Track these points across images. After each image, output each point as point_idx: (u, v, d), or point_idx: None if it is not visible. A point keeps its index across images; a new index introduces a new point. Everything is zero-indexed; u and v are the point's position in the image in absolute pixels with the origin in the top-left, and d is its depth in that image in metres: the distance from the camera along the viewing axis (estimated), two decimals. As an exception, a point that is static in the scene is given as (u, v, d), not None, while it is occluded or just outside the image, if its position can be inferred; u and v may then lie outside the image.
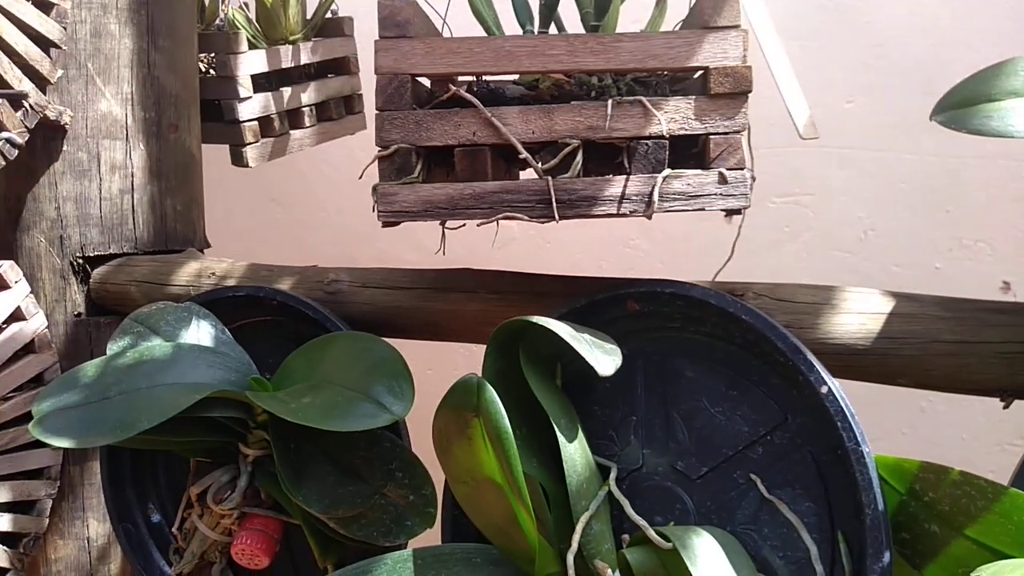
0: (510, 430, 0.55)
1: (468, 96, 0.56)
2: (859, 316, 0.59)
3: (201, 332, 0.74)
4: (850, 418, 0.50)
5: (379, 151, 0.57)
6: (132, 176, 0.92)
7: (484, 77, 0.64)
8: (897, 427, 1.42)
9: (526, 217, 0.56)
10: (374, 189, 0.57)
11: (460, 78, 0.67)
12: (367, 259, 1.26)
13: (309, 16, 1.18)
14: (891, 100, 1.35)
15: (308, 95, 1.16)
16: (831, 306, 0.59)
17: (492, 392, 0.55)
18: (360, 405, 0.62)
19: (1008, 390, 0.56)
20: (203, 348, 0.73)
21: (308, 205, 1.54)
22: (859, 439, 0.49)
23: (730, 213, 0.57)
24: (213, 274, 0.84)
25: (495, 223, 0.59)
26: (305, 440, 0.70)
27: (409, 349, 0.76)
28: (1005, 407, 0.57)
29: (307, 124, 1.16)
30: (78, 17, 0.87)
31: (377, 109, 0.57)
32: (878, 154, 1.40)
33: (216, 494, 0.74)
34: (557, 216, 0.56)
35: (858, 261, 1.42)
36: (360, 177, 0.59)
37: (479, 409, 0.56)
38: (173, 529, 0.76)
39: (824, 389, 0.51)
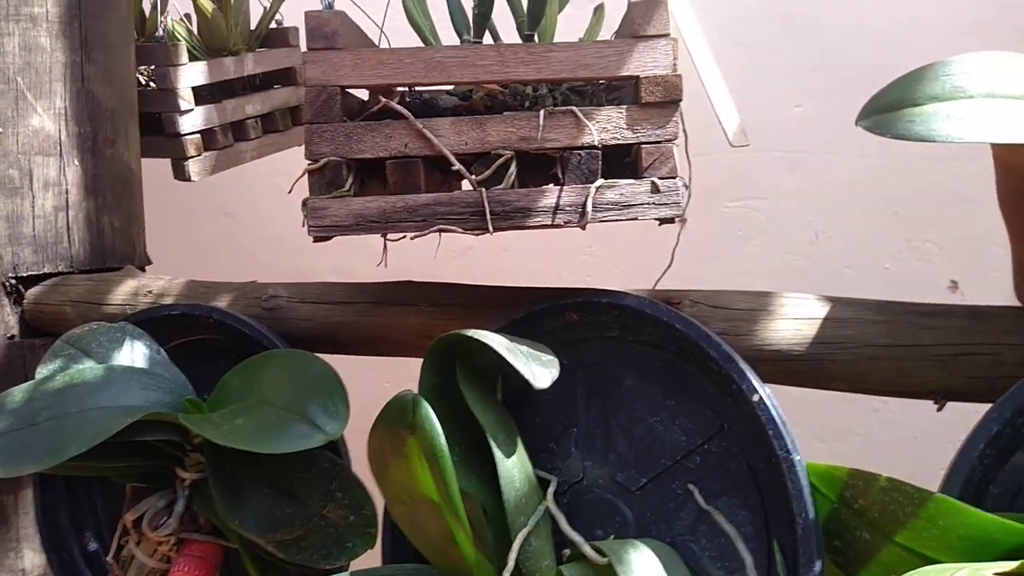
0: (446, 448, 0.54)
1: (398, 107, 0.56)
2: (794, 322, 0.59)
3: (135, 353, 0.72)
4: (781, 426, 0.50)
5: (309, 164, 0.56)
6: (67, 193, 0.89)
7: (418, 88, 0.63)
8: (851, 428, 1.44)
9: (460, 229, 0.55)
10: (304, 203, 0.56)
11: (398, 89, 0.67)
12: (322, 272, 1.25)
13: (254, 27, 1.16)
14: (838, 104, 1.37)
15: (253, 106, 1.14)
16: (767, 312, 0.59)
17: (428, 409, 0.55)
18: (293, 426, 0.60)
19: (941, 392, 0.56)
20: (136, 370, 0.71)
21: (262, 218, 1.52)
22: (790, 447, 0.49)
23: (663, 222, 0.57)
24: (150, 292, 0.82)
25: (438, 234, 0.58)
26: (242, 462, 0.68)
27: (369, 361, 0.75)
28: (938, 409, 0.58)
29: (252, 136, 1.14)
30: (6, 30, 0.85)
31: (306, 122, 0.56)
32: (827, 157, 1.42)
33: (152, 520, 0.72)
34: (491, 228, 0.55)
35: (809, 264, 1.43)
36: (290, 191, 0.58)
37: (415, 427, 0.55)
38: (109, 558, 0.74)
39: (756, 398, 0.51)
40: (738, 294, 0.62)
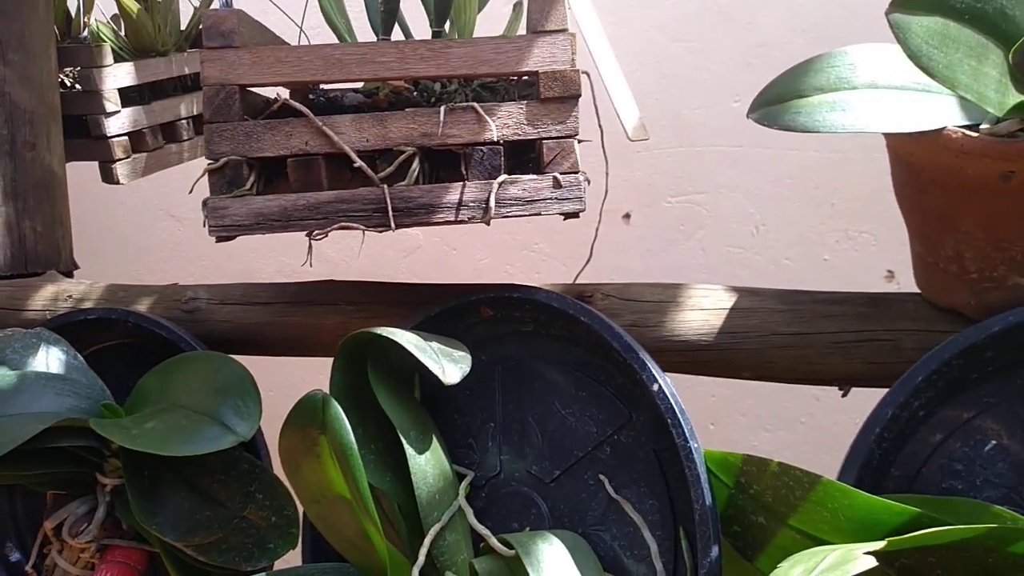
0: (355, 446, 0.54)
1: (297, 105, 0.55)
2: (702, 313, 0.60)
3: (51, 359, 0.71)
4: (679, 415, 0.50)
5: (209, 164, 0.55)
6: (-16, 198, 0.87)
7: (323, 86, 0.63)
8: (795, 417, 1.46)
9: (362, 227, 0.55)
10: (204, 203, 0.56)
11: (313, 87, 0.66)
12: (270, 271, 1.23)
13: (184, 26, 1.15)
14: (775, 98, 1.39)
15: (184, 107, 1.12)
16: (676, 304, 0.60)
17: (337, 408, 0.54)
18: (204, 428, 0.60)
19: (843, 379, 0.57)
20: (51, 376, 0.70)
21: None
22: (687, 435, 0.50)
23: (568, 216, 0.57)
24: (70, 297, 0.81)
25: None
26: (161, 466, 0.67)
27: (296, 362, 0.74)
28: (843, 395, 0.59)
29: (185, 137, 1.12)
30: (-87, 32, 0.82)
31: (205, 121, 0.56)
32: (765, 151, 1.44)
33: (72, 527, 0.71)
34: (393, 225, 0.55)
35: (750, 256, 1.45)
36: (191, 192, 0.57)
37: (325, 426, 0.54)
38: (28, 567, 0.73)
39: (655, 387, 0.51)
40: (648, 286, 0.62)
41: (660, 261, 1.46)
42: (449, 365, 0.55)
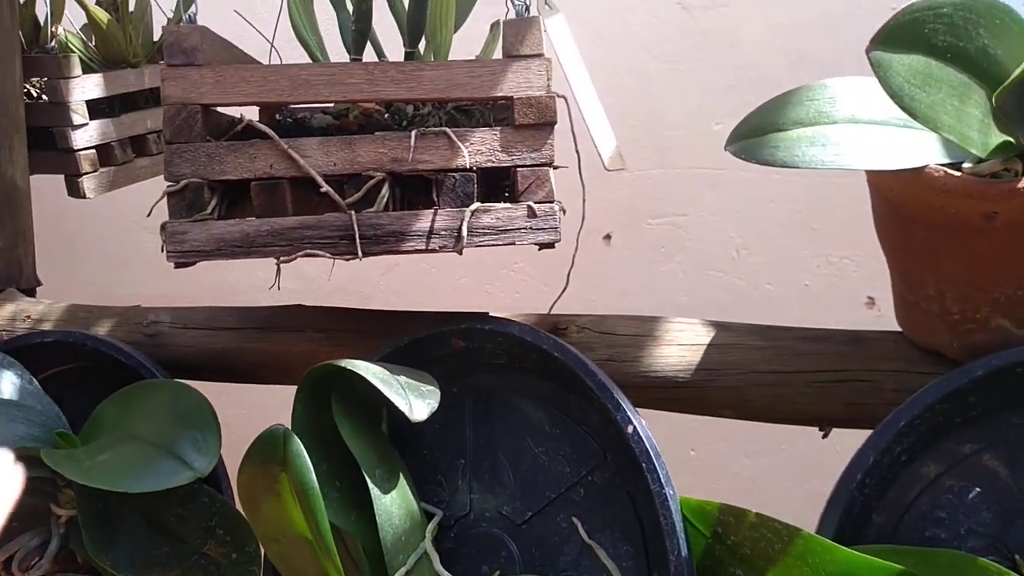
0: (316, 484, 0.51)
1: (261, 127, 0.53)
2: (679, 348, 0.58)
3: (4, 383, 0.68)
4: (654, 458, 0.48)
5: (168, 186, 0.53)
6: (-60, 212, 0.84)
7: (292, 106, 0.61)
8: (776, 443, 1.44)
9: (327, 254, 0.53)
10: (163, 227, 0.53)
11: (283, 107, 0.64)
12: (245, 287, 1.20)
13: (157, 37, 1.12)
14: (757, 122, 1.38)
15: (154, 120, 1.09)
16: (652, 338, 0.58)
17: (299, 444, 0.52)
18: (160, 462, 0.57)
19: (823, 419, 0.55)
20: (3, 401, 0.67)
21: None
22: (663, 480, 0.48)
23: (543, 247, 0.55)
24: (28, 317, 0.78)
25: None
26: (116, 499, 0.64)
27: (259, 390, 0.71)
28: (824, 436, 0.57)
29: (154, 151, 1.09)
30: None
31: (165, 141, 0.53)
32: (747, 175, 1.43)
33: (23, 561, 0.67)
34: (360, 253, 0.53)
35: (732, 280, 1.44)
36: (148, 215, 0.55)
37: (286, 463, 0.52)
38: (-27, 602, 0.69)
39: (630, 429, 0.49)
40: (624, 319, 0.60)
41: (640, 282, 1.44)
42: (416, 401, 0.52)
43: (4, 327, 0.78)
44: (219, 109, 0.57)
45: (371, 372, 0.53)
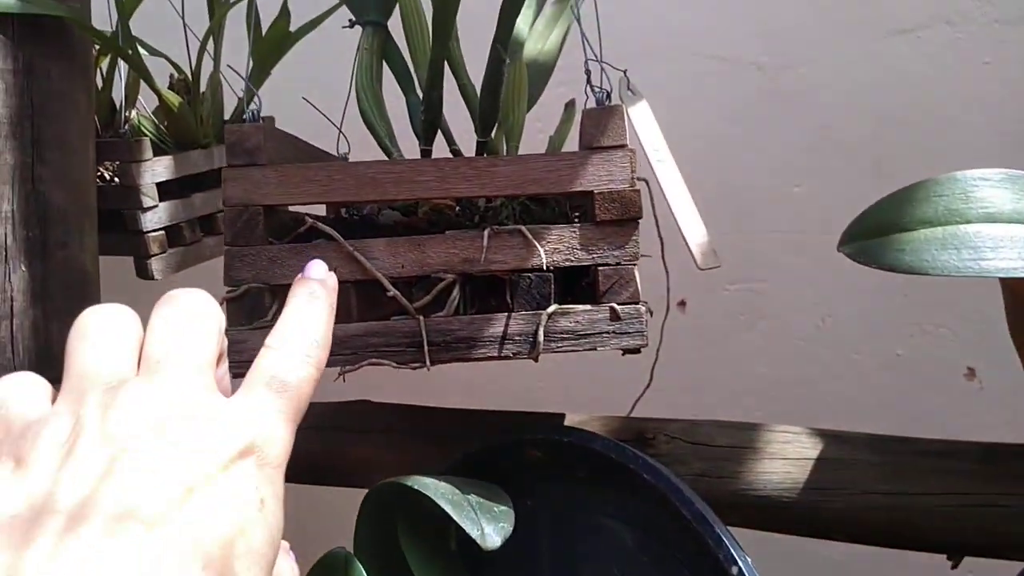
0: (379, 617, 0.47)
1: (326, 228, 0.50)
2: (783, 463, 0.52)
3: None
4: (764, 608, 0.42)
5: (227, 292, 0.50)
6: (12, 300, 0.84)
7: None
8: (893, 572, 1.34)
9: (394, 363, 0.49)
10: (222, 335, 0.50)
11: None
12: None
13: (228, 116, 1.13)
14: (839, 182, 1.32)
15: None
16: (753, 451, 0.52)
17: (360, 570, 0.48)
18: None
19: (954, 548, 0.48)
20: None
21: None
22: (775, 635, 0.41)
23: (627, 352, 0.50)
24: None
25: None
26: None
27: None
28: (953, 567, 0.50)
29: (222, 229, 1.09)
30: (-51, 133, 0.81)
31: (226, 243, 0.51)
32: (830, 238, 1.35)
33: None
34: (428, 362, 0.48)
35: (817, 349, 1.36)
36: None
37: (347, 590, 0.48)
38: None
39: (734, 570, 0.43)
40: (719, 427, 0.54)
41: (718, 352, 1.37)
42: (489, 526, 0.48)
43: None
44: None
45: (440, 493, 0.48)
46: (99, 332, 0.31)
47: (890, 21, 1.29)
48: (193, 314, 0.32)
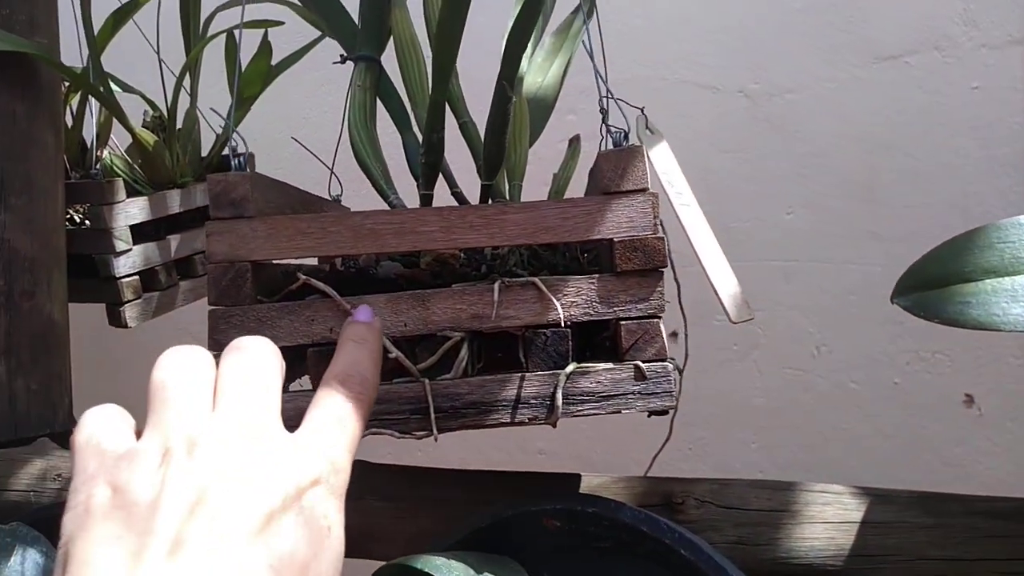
0: None
1: (320, 285, 0.45)
2: (824, 527, 0.48)
3: (27, 564, 0.60)
4: None
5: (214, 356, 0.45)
6: (-28, 357, 0.78)
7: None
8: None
9: (397, 433, 0.44)
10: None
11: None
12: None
13: (206, 153, 1.08)
14: (830, 209, 1.30)
15: (202, 241, 1.04)
16: (790, 514, 0.48)
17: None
18: None
19: (1017, 620, 0.44)
20: (27, 588, 0.58)
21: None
22: None
23: (654, 414, 0.46)
24: (59, 476, 0.70)
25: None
26: None
27: None
28: (1015, 639, 0.46)
29: (200, 272, 1.04)
30: (-95, 180, 0.75)
31: (210, 303, 0.46)
32: (823, 265, 1.34)
33: None
34: (436, 431, 0.44)
35: (813, 379, 1.33)
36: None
37: None
38: None
39: (789, 661, 0.39)
40: (752, 488, 0.50)
41: (713, 383, 1.34)
42: (508, 610, 0.43)
43: (32, 486, 0.71)
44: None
45: (453, 574, 0.44)
46: (178, 371, 0.33)
47: (878, 47, 1.28)
48: (260, 357, 0.35)
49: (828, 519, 0.48)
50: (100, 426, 0.32)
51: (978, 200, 1.25)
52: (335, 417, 0.35)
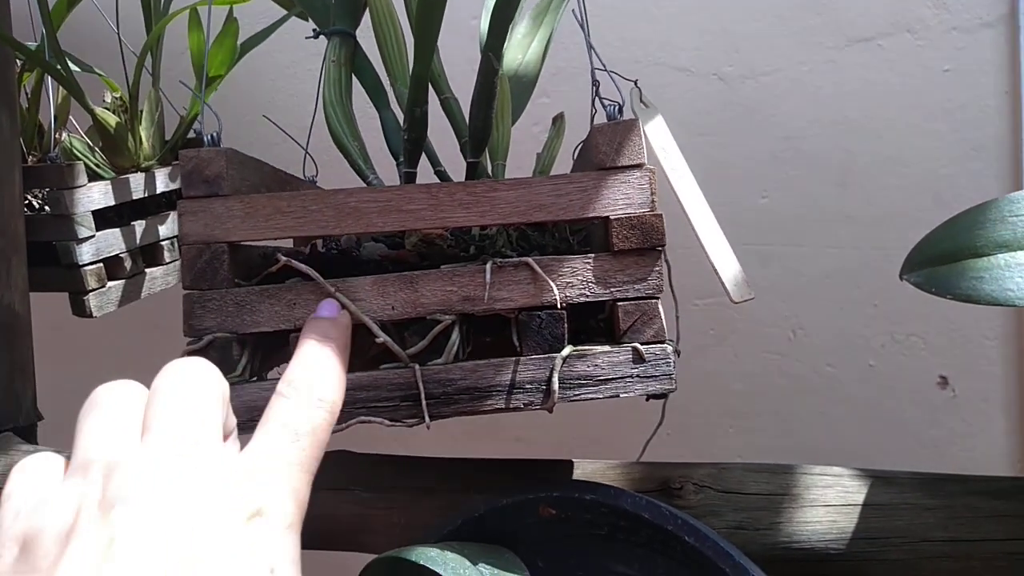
0: None
1: (301, 266, 0.43)
2: (826, 510, 0.47)
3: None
4: None
5: (188, 343, 0.43)
6: (-74, 350, 0.74)
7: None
8: None
9: (386, 421, 0.42)
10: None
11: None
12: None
13: (170, 136, 1.04)
14: (805, 193, 1.30)
15: (167, 227, 1.01)
16: (791, 497, 0.47)
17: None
18: None
19: (1021, 600, 0.44)
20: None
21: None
22: None
23: (653, 397, 0.44)
24: (23, 473, 0.67)
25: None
26: None
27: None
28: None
29: (167, 260, 1.01)
30: None
31: (184, 287, 0.43)
32: (798, 249, 1.34)
33: None
34: (428, 417, 0.42)
35: (789, 362, 1.33)
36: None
37: None
38: None
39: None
40: (749, 471, 0.49)
41: (690, 369, 1.33)
42: (503, 603, 0.41)
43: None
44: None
45: (449, 568, 0.42)
46: (103, 407, 0.30)
47: (851, 30, 1.28)
48: (190, 383, 0.30)
49: (829, 502, 0.47)
50: (21, 479, 0.29)
51: (950, 183, 1.26)
52: (289, 432, 0.31)
